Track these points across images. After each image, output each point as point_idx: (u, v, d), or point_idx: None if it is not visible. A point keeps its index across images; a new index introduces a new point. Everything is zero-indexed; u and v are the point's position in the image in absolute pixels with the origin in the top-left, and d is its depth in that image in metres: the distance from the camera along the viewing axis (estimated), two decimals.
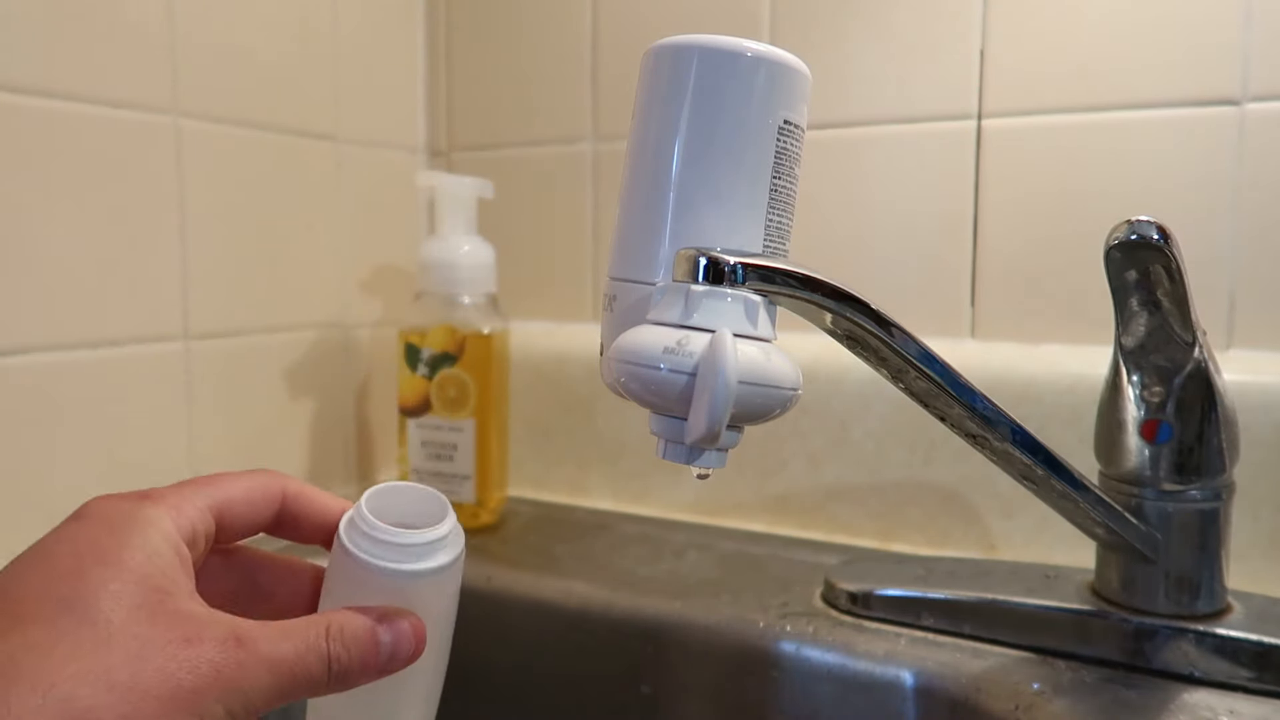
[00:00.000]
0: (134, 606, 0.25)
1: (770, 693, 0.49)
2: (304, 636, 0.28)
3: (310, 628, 0.28)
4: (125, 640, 0.24)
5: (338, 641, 0.28)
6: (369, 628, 0.29)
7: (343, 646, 0.28)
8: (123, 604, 0.25)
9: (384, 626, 0.29)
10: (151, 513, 0.28)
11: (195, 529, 0.29)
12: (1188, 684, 0.43)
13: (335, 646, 0.28)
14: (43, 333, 0.52)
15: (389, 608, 0.30)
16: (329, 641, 0.28)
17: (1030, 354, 0.58)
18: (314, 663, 0.27)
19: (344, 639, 0.28)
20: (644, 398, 0.31)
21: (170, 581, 0.27)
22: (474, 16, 0.75)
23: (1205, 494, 0.44)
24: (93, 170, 0.54)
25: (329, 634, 0.28)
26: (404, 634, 0.30)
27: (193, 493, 0.30)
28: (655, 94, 0.34)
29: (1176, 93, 0.55)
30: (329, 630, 0.28)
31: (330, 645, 0.28)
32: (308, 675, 0.27)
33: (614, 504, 0.70)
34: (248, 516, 0.31)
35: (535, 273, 0.75)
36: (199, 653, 0.25)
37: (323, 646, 0.28)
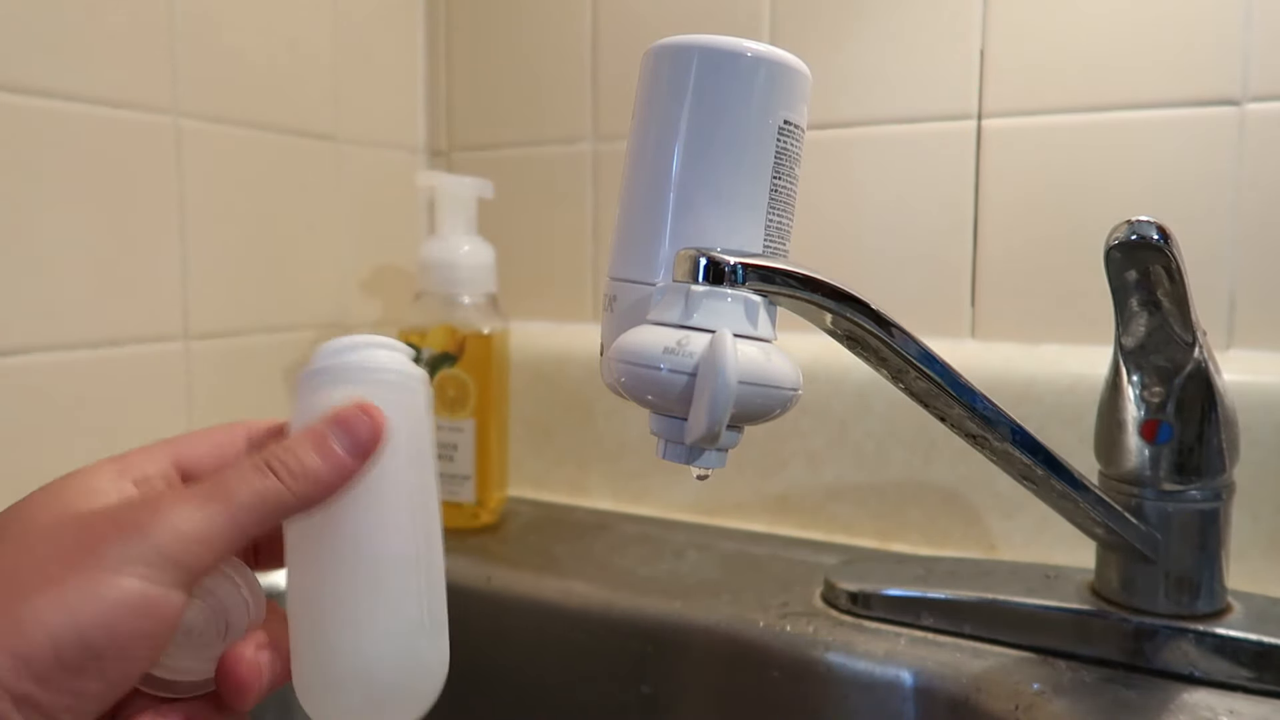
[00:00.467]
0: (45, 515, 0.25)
1: (770, 693, 0.49)
2: (241, 464, 0.26)
3: (241, 460, 0.27)
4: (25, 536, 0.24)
5: (279, 450, 0.27)
6: (313, 433, 0.27)
7: (284, 450, 0.27)
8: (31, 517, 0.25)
9: (327, 420, 0.27)
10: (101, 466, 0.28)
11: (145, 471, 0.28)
12: (1188, 684, 0.43)
13: (275, 453, 0.27)
14: (43, 333, 0.52)
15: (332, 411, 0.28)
16: (269, 459, 0.26)
17: (1030, 354, 0.58)
18: (257, 479, 0.26)
19: (286, 450, 0.27)
20: (644, 398, 0.31)
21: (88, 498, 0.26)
22: (474, 16, 0.75)
23: (1205, 494, 0.44)
24: (93, 170, 0.54)
25: (267, 455, 0.27)
26: (354, 418, 0.27)
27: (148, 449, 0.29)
28: (655, 94, 0.34)
29: (1176, 93, 0.55)
30: (266, 453, 0.27)
31: (269, 457, 0.26)
32: (254, 493, 0.26)
33: (614, 504, 0.70)
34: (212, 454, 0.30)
35: (535, 273, 0.75)
36: (101, 519, 0.25)
37: (259, 459, 0.26)
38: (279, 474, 0.26)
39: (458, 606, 0.32)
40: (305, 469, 0.27)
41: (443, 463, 0.64)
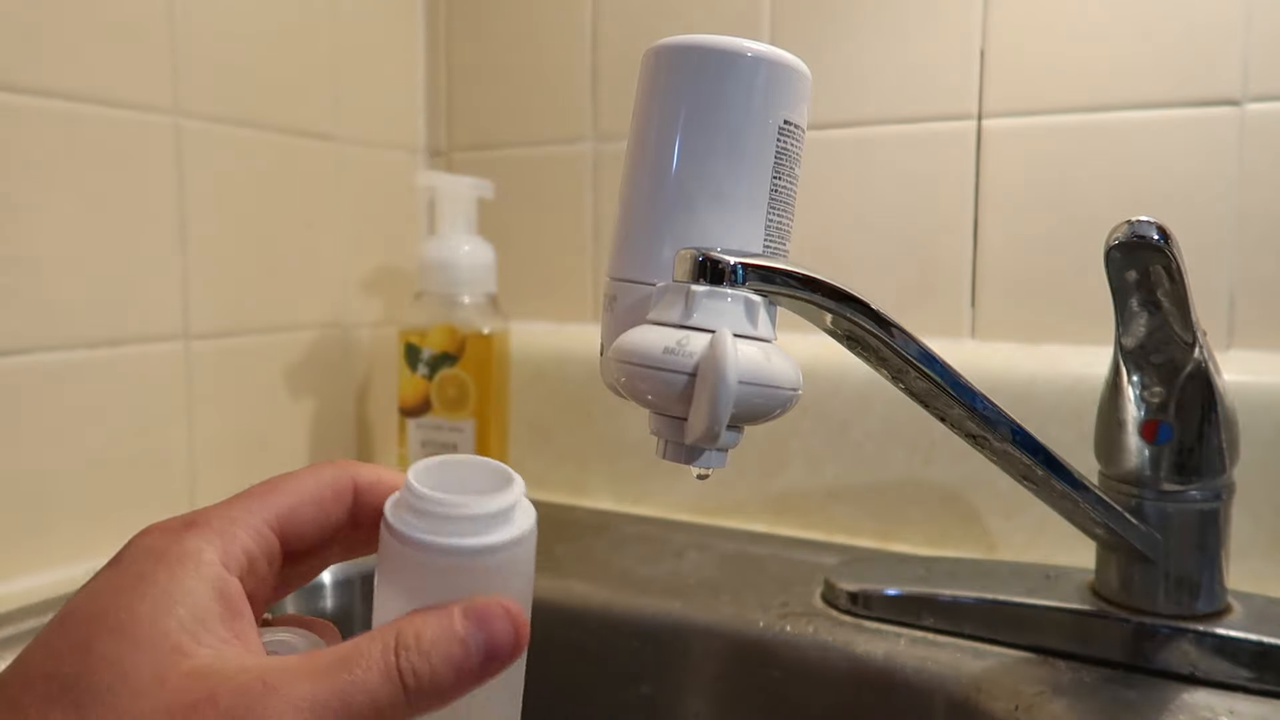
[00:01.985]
0: (144, 682, 0.22)
1: (770, 693, 0.49)
2: (363, 655, 0.23)
3: (371, 643, 0.23)
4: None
5: (411, 651, 0.23)
6: (446, 625, 0.24)
7: (418, 655, 0.23)
8: (128, 680, 0.22)
9: (468, 620, 0.24)
10: (191, 545, 0.24)
11: (250, 553, 0.25)
12: (1188, 684, 0.42)
13: (408, 657, 0.23)
14: (43, 333, 0.52)
15: (470, 598, 0.24)
16: (398, 654, 0.23)
17: (1030, 354, 0.58)
18: (378, 684, 0.22)
19: (419, 645, 0.23)
20: (644, 398, 0.31)
21: (192, 636, 0.23)
22: (474, 16, 0.75)
23: (1205, 494, 0.44)
24: (93, 170, 0.54)
25: (398, 644, 0.23)
26: (497, 623, 0.24)
27: (245, 510, 0.26)
28: (655, 94, 0.34)
29: (1176, 93, 0.55)
30: (398, 639, 0.23)
31: (400, 657, 0.23)
32: (372, 702, 0.22)
33: (614, 504, 0.70)
34: (317, 521, 0.27)
35: (535, 273, 0.75)
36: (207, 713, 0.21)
37: (391, 661, 0.23)
38: (406, 685, 0.23)
39: None
40: (433, 680, 0.23)
41: None
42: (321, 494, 0.27)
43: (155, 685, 0.22)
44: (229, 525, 0.25)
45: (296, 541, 0.27)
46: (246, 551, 0.25)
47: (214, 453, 0.62)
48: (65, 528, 0.53)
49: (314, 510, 0.27)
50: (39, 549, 0.52)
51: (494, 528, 0.25)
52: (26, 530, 0.52)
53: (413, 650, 0.23)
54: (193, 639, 0.23)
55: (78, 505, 0.54)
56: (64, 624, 0.23)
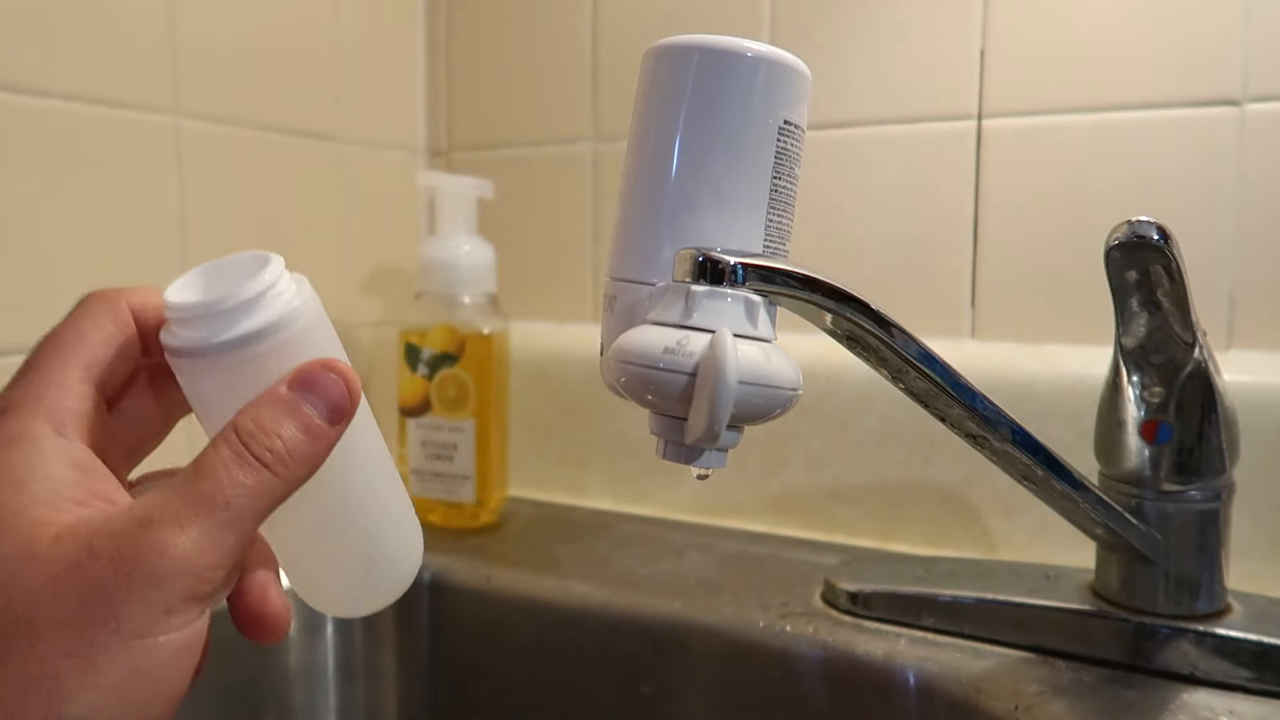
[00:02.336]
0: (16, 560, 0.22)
1: (770, 693, 0.49)
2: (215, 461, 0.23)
3: (217, 448, 0.23)
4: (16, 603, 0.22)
5: (255, 436, 0.23)
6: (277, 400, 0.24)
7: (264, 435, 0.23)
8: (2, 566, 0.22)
9: (294, 389, 0.24)
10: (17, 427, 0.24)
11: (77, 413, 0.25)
12: (1188, 684, 0.43)
13: (257, 441, 0.23)
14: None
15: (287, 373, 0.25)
16: (246, 444, 0.23)
17: (1030, 354, 0.58)
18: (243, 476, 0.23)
19: (260, 428, 0.24)
20: (644, 398, 0.31)
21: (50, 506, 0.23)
22: (474, 16, 0.75)
23: (1205, 494, 0.44)
24: (93, 170, 0.54)
25: (240, 436, 0.24)
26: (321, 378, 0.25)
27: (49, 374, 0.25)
28: (655, 94, 0.34)
29: (1176, 93, 0.55)
30: (238, 434, 0.24)
31: (250, 446, 0.23)
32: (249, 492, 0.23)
33: (614, 504, 0.70)
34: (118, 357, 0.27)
35: (535, 273, 0.75)
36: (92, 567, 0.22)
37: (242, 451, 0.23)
38: (266, 463, 0.23)
39: (458, 606, 0.32)
40: (290, 452, 0.24)
41: (443, 463, 0.64)
42: (105, 331, 0.27)
43: (29, 561, 0.22)
44: (43, 394, 0.25)
45: (110, 383, 0.26)
46: (73, 413, 0.25)
47: None
48: None
49: (108, 349, 0.26)
50: None
51: (266, 306, 0.25)
52: None
53: (257, 434, 0.23)
54: (52, 509, 0.23)
55: None
56: None
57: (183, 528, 0.22)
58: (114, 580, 0.22)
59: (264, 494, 0.23)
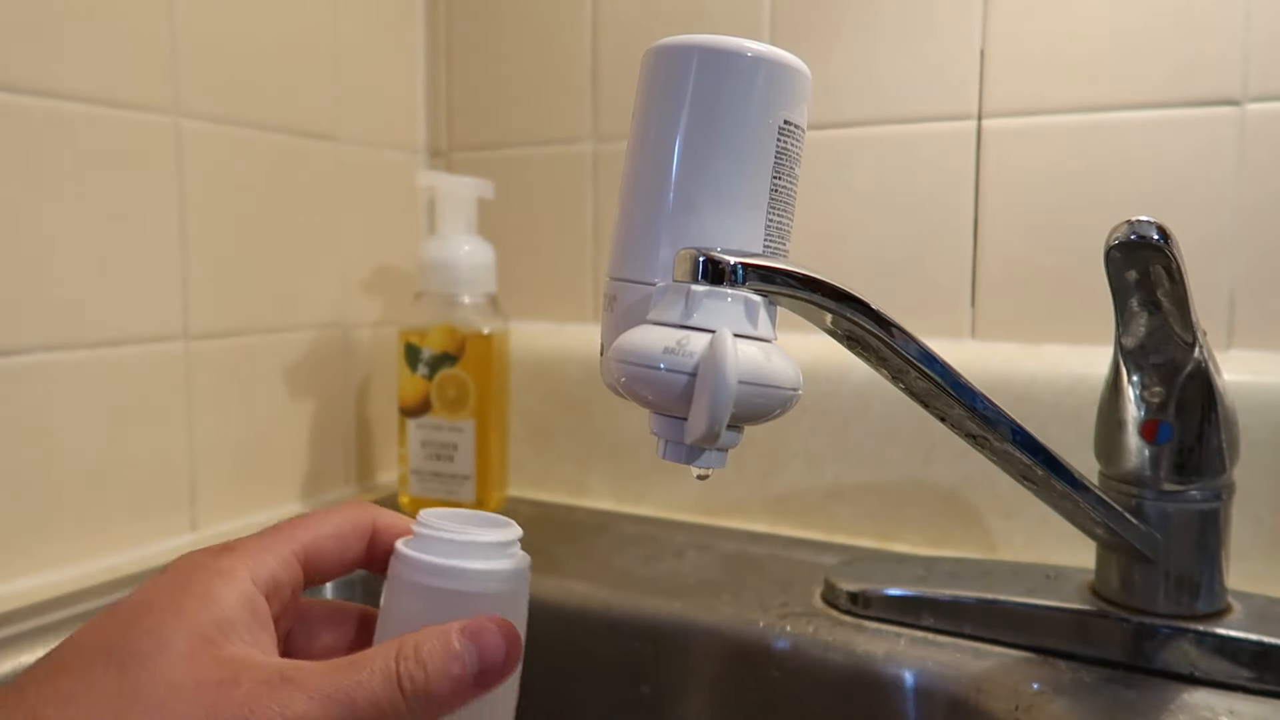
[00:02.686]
0: (177, 653, 0.24)
1: (770, 693, 0.49)
2: (368, 662, 0.25)
3: (377, 652, 0.26)
4: (153, 685, 0.24)
5: (410, 660, 0.25)
6: (445, 640, 0.26)
7: (416, 664, 0.25)
8: (165, 650, 0.24)
9: (464, 636, 0.26)
10: (226, 563, 0.27)
11: (276, 578, 0.28)
12: (1188, 684, 0.43)
13: (407, 665, 0.25)
14: (43, 333, 0.52)
15: (469, 619, 0.27)
16: (399, 661, 0.25)
17: (1030, 354, 0.58)
18: (380, 687, 0.25)
19: (417, 656, 0.25)
20: (644, 398, 0.31)
21: (224, 631, 0.25)
22: (474, 16, 0.75)
23: (1205, 494, 0.44)
24: (93, 171, 0.54)
25: (399, 654, 0.25)
26: (489, 636, 0.26)
27: (275, 539, 0.29)
28: (655, 94, 0.34)
29: (1176, 93, 0.55)
30: (399, 650, 0.26)
31: (400, 665, 0.25)
32: (373, 702, 0.25)
33: (614, 504, 0.70)
34: (338, 554, 0.30)
35: (535, 273, 0.75)
36: (233, 694, 0.24)
37: (391, 668, 0.25)
38: (404, 690, 0.25)
39: None
40: (429, 689, 0.25)
41: (443, 463, 0.64)
42: (343, 530, 0.30)
43: (187, 660, 0.24)
44: (260, 552, 0.28)
45: (318, 572, 0.30)
46: (274, 576, 0.28)
47: (214, 453, 0.62)
48: (65, 528, 0.53)
49: (335, 544, 0.30)
50: (39, 549, 0.52)
51: (493, 557, 0.28)
52: (26, 530, 0.52)
53: (411, 660, 0.25)
54: (223, 635, 0.25)
55: (78, 505, 0.54)
56: (114, 610, 0.26)
57: (310, 697, 0.24)
58: (239, 709, 0.24)
59: (386, 710, 0.25)
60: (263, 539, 0.29)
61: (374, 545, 0.31)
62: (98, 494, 0.55)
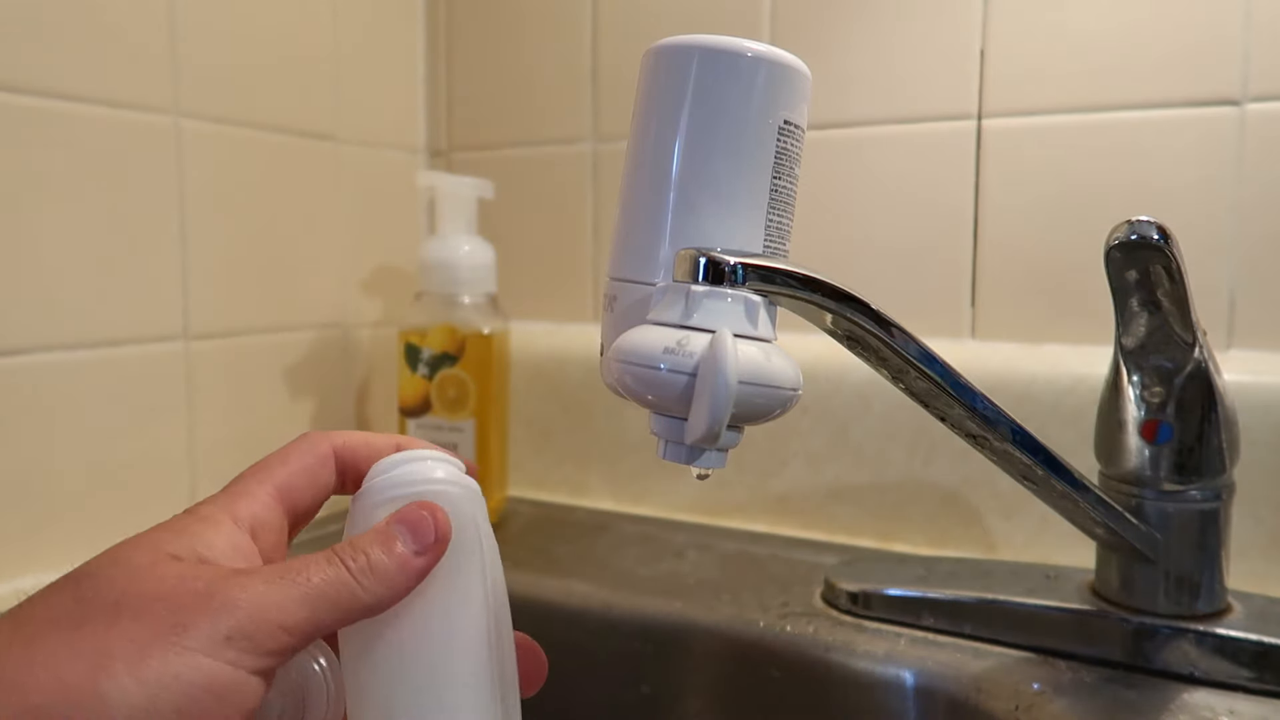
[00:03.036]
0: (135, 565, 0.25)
1: (770, 693, 0.49)
2: (310, 558, 0.26)
3: (316, 553, 0.27)
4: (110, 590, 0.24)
5: (347, 549, 0.27)
6: (378, 531, 0.27)
7: (354, 550, 0.26)
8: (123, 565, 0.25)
9: (393, 521, 0.27)
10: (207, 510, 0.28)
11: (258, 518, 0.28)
12: (1188, 684, 0.43)
13: (346, 551, 0.26)
14: (43, 333, 0.52)
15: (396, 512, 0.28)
16: (339, 552, 0.26)
17: (1030, 354, 0.58)
18: (329, 569, 0.26)
19: (354, 546, 0.27)
20: (644, 398, 0.31)
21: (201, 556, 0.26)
22: (474, 16, 0.75)
23: (1205, 494, 0.44)
24: (93, 170, 0.54)
25: (335, 548, 0.27)
26: (413, 513, 0.28)
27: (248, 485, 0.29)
28: (655, 94, 0.34)
29: (1176, 93, 0.55)
30: (335, 547, 0.27)
31: (341, 553, 0.26)
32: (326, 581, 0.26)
33: (614, 504, 0.70)
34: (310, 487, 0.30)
35: (535, 273, 0.75)
36: (186, 585, 0.24)
37: (333, 556, 0.26)
38: (350, 570, 0.26)
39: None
40: (373, 567, 0.26)
41: None
42: (308, 463, 0.30)
43: (147, 569, 0.25)
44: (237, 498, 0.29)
45: (296, 510, 0.30)
46: (255, 516, 0.28)
47: (214, 453, 0.62)
48: (65, 528, 0.53)
49: (305, 479, 0.30)
50: (39, 549, 0.52)
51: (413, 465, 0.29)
52: (26, 530, 0.52)
53: (349, 549, 0.27)
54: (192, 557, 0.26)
55: (78, 505, 0.54)
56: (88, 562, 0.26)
57: (266, 582, 0.25)
58: (194, 599, 0.24)
59: (341, 589, 0.26)
60: (234, 487, 0.29)
61: (341, 466, 0.31)
62: (98, 494, 0.55)
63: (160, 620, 0.24)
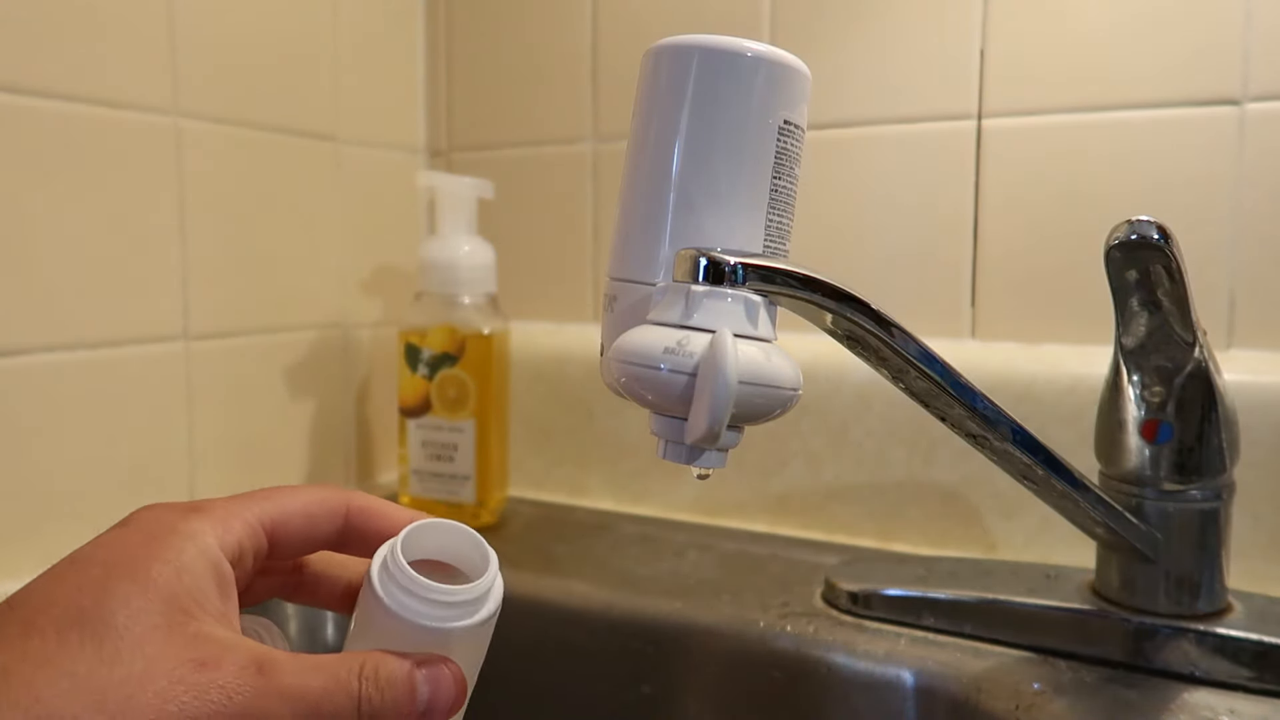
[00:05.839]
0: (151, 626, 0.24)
1: (770, 693, 0.49)
2: (334, 673, 0.26)
3: (343, 664, 0.26)
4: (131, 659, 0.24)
5: (371, 682, 0.26)
6: (406, 672, 0.27)
7: (375, 688, 0.26)
8: (139, 622, 0.24)
9: (422, 672, 0.27)
10: (195, 526, 0.27)
11: (242, 545, 0.28)
12: (1188, 684, 0.43)
13: (368, 687, 0.26)
14: (43, 333, 0.52)
15: (428, 655, 0.28)
16: (361, 680, 0.26)
17: (1030, 354, 0.58)
18: (343, 701, 0.26)
19: (378, 680, 0.27)
20: (644, 398, 0.31)
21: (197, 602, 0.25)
22: (474, 16, 0.75)
23: (1205, 494, 0.44)
24: (93, 170, 0.54)
25: (362, 673, 0.26)
26: (444, 682, 0.28)
27: (244, 506, 0.29)
28: (655, 94, 0.34)
29: (1176, 93, 0.55)
30: (363, 669, 0.27)
31: (362, 685, 0.26)
32: (334, 713, 0.26)
33: (614, 504, 0.70)
34: (306, 532, 0.30)
35: (535, 273, 0.75)
36: (210, 678, 0.24)
37: (354, 686, 0.26)
38: (360, 709, 0.26)
39: None
40: (380, 713, 0.26)
41: (443, 463, 0.64)
42: (313, 509, 0.30)
43: (165, 634, 0.24)
44: (227, 516, 0.28)
45: (284, 546, 0.30)
46: (239, 543, 0.28)
47: (214, 453, 0.62)
48: (65, 528, 0.53)
49: (303, 521, 0.30)
50: (38, 549, 0.52)
51: (463, 612, 0.29)
52: (26, 530, 0.52)
53: (371, 681, 0.26)
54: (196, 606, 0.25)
55: (77, 505, 0.54)
56: (76, 563, 0.26)
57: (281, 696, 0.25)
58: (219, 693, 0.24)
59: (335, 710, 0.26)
60: (230, 504, 0.29)
61: (348, 528, 0.31)
62: (98, 494, 0.55)
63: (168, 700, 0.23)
